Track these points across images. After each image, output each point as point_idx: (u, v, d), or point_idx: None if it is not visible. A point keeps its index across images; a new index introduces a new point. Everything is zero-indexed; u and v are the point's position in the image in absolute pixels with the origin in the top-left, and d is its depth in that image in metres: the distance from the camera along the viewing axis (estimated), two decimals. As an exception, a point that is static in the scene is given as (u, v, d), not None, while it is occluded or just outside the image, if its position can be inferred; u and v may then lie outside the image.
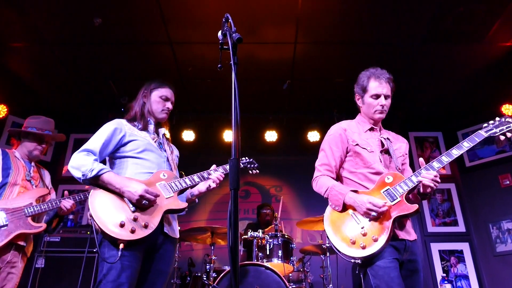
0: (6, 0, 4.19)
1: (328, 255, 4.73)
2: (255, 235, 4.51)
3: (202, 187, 2.66)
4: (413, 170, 2.61)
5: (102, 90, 5.81)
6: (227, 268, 4.30)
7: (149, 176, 2.50)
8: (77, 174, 2.31)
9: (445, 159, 2.39)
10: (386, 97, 2.69)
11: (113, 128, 2.53)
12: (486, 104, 6.03)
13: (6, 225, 2.98)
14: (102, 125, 2.57)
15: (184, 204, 2.50)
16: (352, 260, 2.32)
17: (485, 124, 2.49)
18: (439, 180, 2.33)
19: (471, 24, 4.54)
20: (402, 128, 6.51)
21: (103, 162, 2.50)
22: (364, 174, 2.56)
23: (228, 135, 6.49)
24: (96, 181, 2.31)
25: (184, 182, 2.58)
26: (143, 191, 2.27)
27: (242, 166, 3.18)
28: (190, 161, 6.46)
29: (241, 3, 4.30)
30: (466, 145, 2.41)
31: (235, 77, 1.68)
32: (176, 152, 2.91)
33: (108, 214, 2.24)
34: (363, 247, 2.27)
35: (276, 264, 4.34)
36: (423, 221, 6.15)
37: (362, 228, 2.34)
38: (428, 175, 2.32)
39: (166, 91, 2.82)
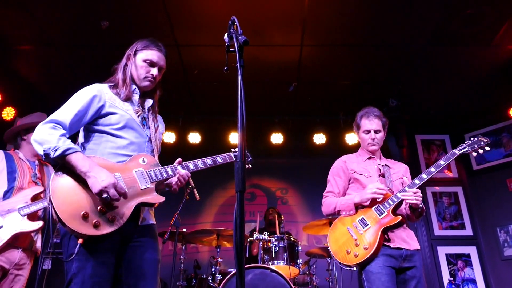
0: (14, 3, 4.23)
1: (334, 258, 4.70)
2: (261, 238, 4.50)
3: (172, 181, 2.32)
4: (418, 174, 2.86)
5: (109, 93, 5.83)
6: (233, 270, 4.30)
7: (126, 159, 2.16)
8: (39, 150, 1.94)
9: (425, 176, 2.78)
10: (376, 131, 3.07)
11: (91, 96, 2.16)
12: (494, 106, 6.00)
13: (1, 226, 2.95)
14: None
15: (161, 198, 2.15)
16: (348, 268, 2.77)
17: (461, 144, 2.96)
18: (420, 195, 2.70)
19: (478, 26, 4.51)
20: (409, 131, 6.48)
21: (76, 134, 2.21)
22: None
23: (234, 138, 6.49)
24: (62, 162, 1.95)
25: (165, 172, 2.23)
26: (109, 184, 1.91)
27: (234, 158, 2.62)
28: (196, 163, 6.48)
29: (248, 6, 4.30)
30: (442, 163, 2.82)
31: (241, 79, 1.68)
32: (161, 128, 2.51)
33: (70, 201, 1.90)
34: (356, 256, 2.69)
35: (281, 266, 4.32)
36: (430, 225, 6.10)
37: (355, 240, 2.74)
38: (408, 193, 2.71)
39: (152, 54, 2.33)
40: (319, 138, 6.40)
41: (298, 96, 6.02)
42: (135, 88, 2.35)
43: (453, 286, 4.95)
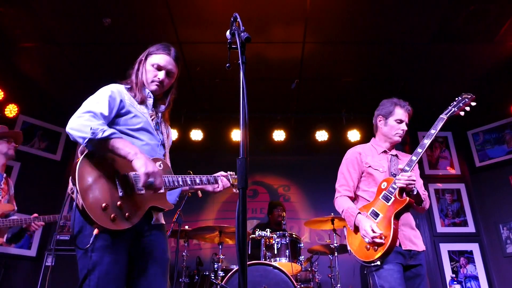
0: (17, 1, 4.23)
1: (336, 254, 4.71)
2: (263, 235, 4.51)
3: (209, 187, 2.51)
4: (421, 171, 2.74)
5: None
6: (235, 267, 4.31)
7: None
8: (81, 134, 1.91)
9: (420, 150, 2.80)
10: (406, 124, 3.05)
11: (110, 92, 2.17)
12: (497, 103, 5.97)
13: None
14: None
15: (170, 206, 2.21)
16: (373, 264, 2.63)
17: (447, 107, 2.87)
18: (414, 179, 2.63)
19: (481, 23, 4.50)
20: (411, 128, 6.46)
21: None
22: (375, 192, 2.83)
23: (236, 135, 6.49)
24: (102, 145, 1.95)
25: (176, 181, 2.27)
26: (158, 171, 1.97)
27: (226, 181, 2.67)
28: (198, 160, 6.50)
29: (250, 3, 4.30)
30: (432, 132, 2.86)
31: (243, 76, 1.68)
32: (172, 136, 2.58)
33: (94, 190, 1.91)
34: (375, 249, 2.59)
35: (284, 263, 4.34)
36: (432, 222, 6.10)
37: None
38: (402, 177, 2.64)
39: (160, 58, 2.34)
40: (321, 135, 6.39)
41: (301, 93, 6.02)
42: (149, 93, 2.37)
43: (455, 283, 4.94)
